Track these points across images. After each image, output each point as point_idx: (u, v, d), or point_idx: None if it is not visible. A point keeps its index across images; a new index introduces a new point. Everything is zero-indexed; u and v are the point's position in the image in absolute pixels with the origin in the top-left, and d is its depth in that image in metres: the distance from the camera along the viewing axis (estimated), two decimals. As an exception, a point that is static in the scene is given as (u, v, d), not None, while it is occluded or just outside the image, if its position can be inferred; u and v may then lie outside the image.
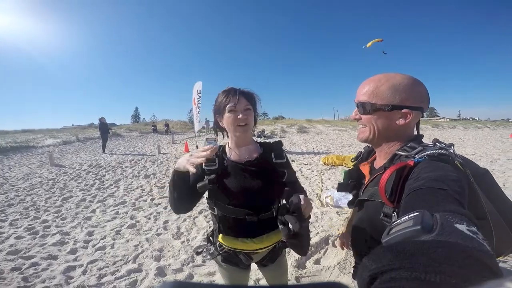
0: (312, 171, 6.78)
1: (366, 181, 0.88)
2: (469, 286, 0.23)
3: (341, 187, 1.01)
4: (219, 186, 1.07)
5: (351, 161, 1.02)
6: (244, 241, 1.10)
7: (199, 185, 1.05)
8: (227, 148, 1.18)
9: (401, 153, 0.73)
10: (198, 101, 10.87)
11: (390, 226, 0.45)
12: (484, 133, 20.55)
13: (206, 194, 1.15)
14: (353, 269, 0.94)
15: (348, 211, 3.74)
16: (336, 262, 2.34)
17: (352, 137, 15.65)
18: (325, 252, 2.63)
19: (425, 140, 0.81)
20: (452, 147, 0.71)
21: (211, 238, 1.23)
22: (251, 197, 1.08)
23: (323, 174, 6.32)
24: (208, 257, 1.19)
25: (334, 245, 2.72)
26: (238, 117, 1.06)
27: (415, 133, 0.83)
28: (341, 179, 5.87)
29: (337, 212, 3.73)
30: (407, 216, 0.43)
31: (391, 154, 0.78)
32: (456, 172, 0.61)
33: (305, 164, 7.69)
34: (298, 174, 6.37)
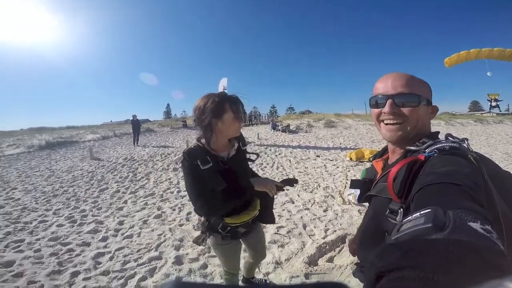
0: (337, 167, 6.63)
1: (378, 177, 0.86)
2: (478, 286, 0.22)
3: (353, 184, 1.01)
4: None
5: (369, 160, 1.02)
6: (245, 213, 1.38)
7: (216, 183, 1.25)
8: (207, 147, 1.32)
9: (412, 148, 0.72)
10: (223, 97, 11.10)
11: (400, 223, 0.43)
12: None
13: None
14: (354, 266, 0.94)
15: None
16: (349, 261, 2.30)
17: (383, 132, 14.75)
18: (340, 251, 2.59)
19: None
20: (466, 141, 0.69)
21: (212, 227, 1.40)
22: (242, 180, 1.34)
23: (348, 171, 6.13)
24: (217, 243, 1.45)
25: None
26: (240, 125, 1.33)
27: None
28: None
29: (358, 211, 3.62)
30: (419, 213, 0.41)
31: (404, 150, 0.77)
32: (469, 167, 0.58)
33: (330, 160, 7.53)
34: (322, 170, 6.32)
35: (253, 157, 1.53)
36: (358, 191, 0.97)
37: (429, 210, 0.40)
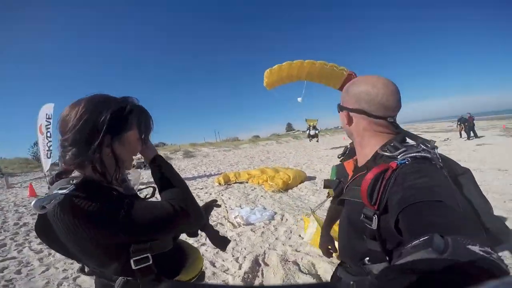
0: (210, 194, 6.55)
1: (349, 179, 0.86)
2: (478, 286, 0.24)
3: (327, 183, 1.04)
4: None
5: (338, 157, 1.02)
6: (194, 260, 1.02)
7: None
8: (100, 178, 0.79)
9: (384, 153, 0.71)
10: (47, 129, 8.35)
11: (401, 250, 0.45)
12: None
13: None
14: (337, 266, 0.93)
15: (261, 227, 3.73)
16: (279, 279, 2.21)
17: (237, 156, 16.50)
18: (262, 274, 2.46)
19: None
20: (435, 149, 0.71)
21: None
22: None
23: (222, 195, 6.18)
24: None
25: (266, 264, 2.59)
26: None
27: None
28: (240, 196, 5.81)
29: (251, 230, 3.64)
30: (418, 240, 0.42)
31: (373, 153, 0.76)
32: (439, 175, 0.61)
33: (201, 189, 7.37)
34: (197, 200, 5.97)
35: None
36: (243, 212, 0.98)
37: (428, 236, 0.42)
